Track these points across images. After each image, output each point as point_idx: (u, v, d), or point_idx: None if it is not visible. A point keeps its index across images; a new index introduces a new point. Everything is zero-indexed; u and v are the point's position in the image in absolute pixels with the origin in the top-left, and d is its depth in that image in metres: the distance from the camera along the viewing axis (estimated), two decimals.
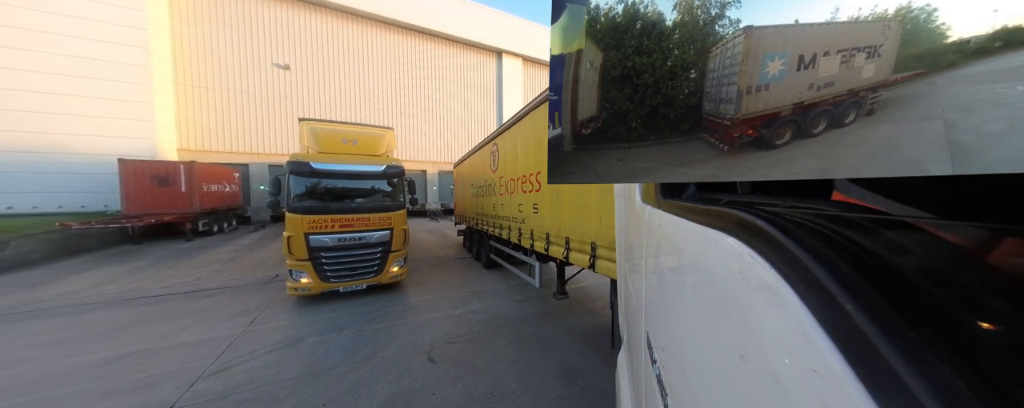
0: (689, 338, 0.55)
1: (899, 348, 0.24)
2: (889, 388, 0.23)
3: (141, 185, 11.07)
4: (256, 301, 5.40)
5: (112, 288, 6.33)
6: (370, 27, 20.44)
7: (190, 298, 5.65)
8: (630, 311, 1.06)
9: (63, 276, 7.23)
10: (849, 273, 0.30)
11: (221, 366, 3.32)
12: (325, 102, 19.27)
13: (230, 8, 16.87)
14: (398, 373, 3.17)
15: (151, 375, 3.16)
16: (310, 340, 3.93)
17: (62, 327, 4.41)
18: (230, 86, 17.09)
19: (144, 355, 3.59)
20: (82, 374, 3.19)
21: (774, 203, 0.53)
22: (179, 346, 3.80)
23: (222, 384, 2.99)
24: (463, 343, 3.81)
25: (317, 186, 5.25)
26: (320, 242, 5.10)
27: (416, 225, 17.14)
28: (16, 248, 8.09)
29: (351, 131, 6.20)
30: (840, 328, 0.27)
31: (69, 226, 9.16)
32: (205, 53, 16.49)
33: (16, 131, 12.48)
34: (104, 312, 4.99)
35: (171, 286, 6.38)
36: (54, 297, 5.76)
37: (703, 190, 0.79)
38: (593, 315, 4.67)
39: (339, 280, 5.26)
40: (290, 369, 3.25)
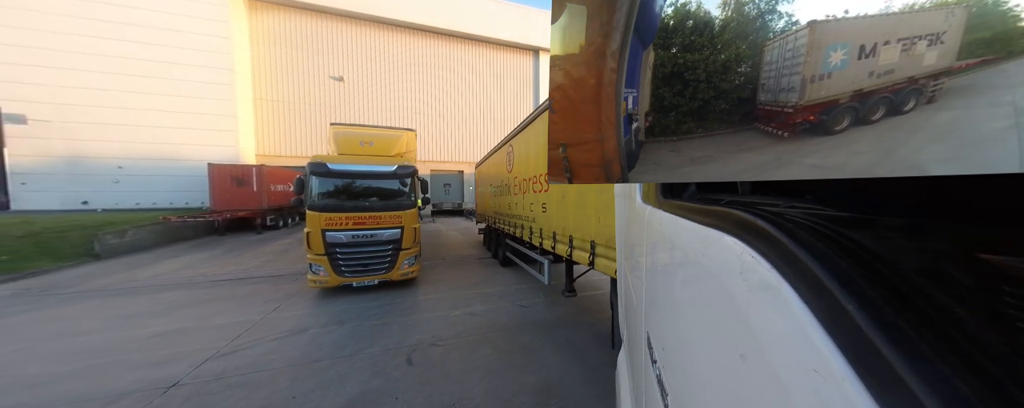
0: (689, 338, 0.55)
1: (899, 348, 0.24)
2: (889, 388, 0.23)
3: (223, 185, 13.06)
4: (286, 290, 5.94)
5: (188, 272, 7.50)
6: (412, 36, 21.59)
7: (239, 284, 6.44)
8: (630, 311, 1.06)
9: (159, 260, 8.80)
10: (849, 273, 0.30)
11: (231, 349, 3.66)
12: (373, 108, 20.84)
13: (296, 29, 19.11)
14: (374, 372, 3.17)
15: (176, 352, 3.59)
16: (312, 331, 4.16)
17: (138, 304, 5.30)
18: (296, 97, 19.38)
19: (180, 333, 4.12)
20: (128, 346, 3.75)
21: (774, 203, 0.53)
22: (209, 328, 4.29)
23: (223, 366, 3.28)
24: (449, 347, 3.71)
25: (333, 185, 5.58)
26: (335, 238, 5.42)
27: (449, 224, 17.67)
28: (132, 236, 10.07)
29: (368, 133, 6.51)
30: (840, 328, 0.28)
31: (169, 219, 11.16)
32: (276, 70, 18.92)
33: (138, 142, 15.60)
34: (172, 293, 5.91)
35: (229, 273, 7.35)
36: (145, 278, 7.00)
37: (703, 190, 0.78)
38: (593, 327, 4.24)
39: (353, 275, 5.54)
40: (282, 358, 3.45)
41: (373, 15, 19.86)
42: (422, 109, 22.18)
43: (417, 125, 21.66)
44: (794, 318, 0.31)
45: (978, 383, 0.21)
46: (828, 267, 0.31)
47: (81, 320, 4.61)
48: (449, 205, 21.82)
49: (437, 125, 22.43)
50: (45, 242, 8.84)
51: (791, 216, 0.41)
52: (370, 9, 19.63)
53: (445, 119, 22.79)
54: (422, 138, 21.71)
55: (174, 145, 15.99)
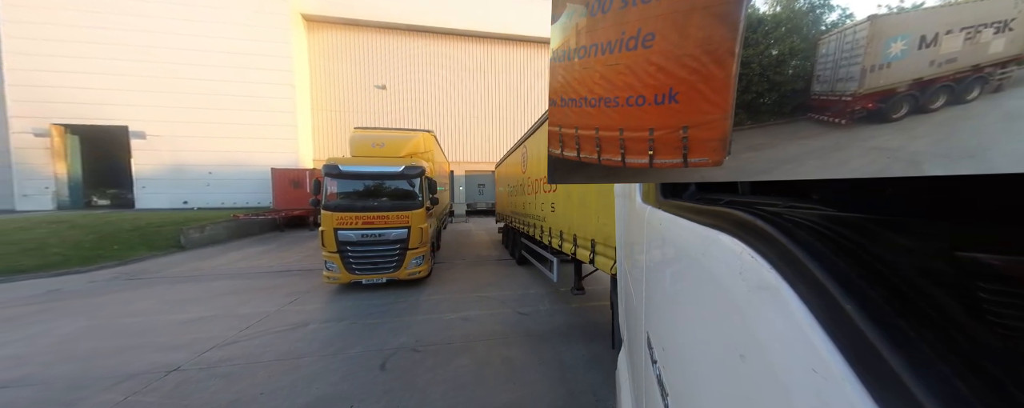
0: (689, 338, 0.56)
1: (899, 348, 0.24)
2: (889, 388, 0.23)
3: (283, 187, 14.73)
4: (308, 285, 6.37)
5: (242, 264, 8.50)
6: (450, 40, 22.21)
7: (275, 276, 7.10)
8: (630, 311, 1.07)
9: (226, 252, 10.15)
10: (849, 273, 0.30)
11: (235, 339, 3.96)
12: (412, 112, 21.89)
13: (346, 44, 20.87)
14: (346, 374, 3.16)
15: (194, 339, 3.99)
16: (312, 326, 4.35)
17: (192, 291, 6.09)
18: (346, 106, 21.18)
19: (208, 320, 4.59)
20: (163, 330, 4.27)
21: (774, 203, 0.54)
22: (231, 317, 4.73)
23: (220, 355, 3.54)
24: (428, 353, 3.58)
25: (344, 186, 5.83)
26: (346, 237, 5.66)
27: (480, 224, 17.81)
28: (210, 231, 11.79)
29: (380, 136, 6.71)
30: (840, 328, 0.28)
31: (238, 217, 12.88)
32: (330, 82, 20.86)
33: (222, 151, 18.31)
34: (221, 282, 6.70)
35: (272, 266, 8.17)
36: (209, 267, 8.08)
37: (703, 190, 0.79)
38: (589, 344, 3.77)
39: (362, 272, 5.74)
40: (273, 352, 3.62)
41: (413, 24, 20.85)
42: (458, 110, 22.74)
43: (453, 127, 22.26)
44: (793, 318, 0.32)
45: (978, 383, 0.21)
46: (827, 267, 0.31)
47: (143, 302, 5.41)
48: (483, 205, 22.06)
49: (472, 126, 22.83)
50: (147, 235, 10.75)
51: (791, 216, 0.43)
52: (411, 19, 20.64)
53: (479, 120, 23.10)
54: (457, 139, 22.21)
55: (248, 153, 18.49)
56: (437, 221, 7.87)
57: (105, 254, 8.87)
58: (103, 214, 14.11)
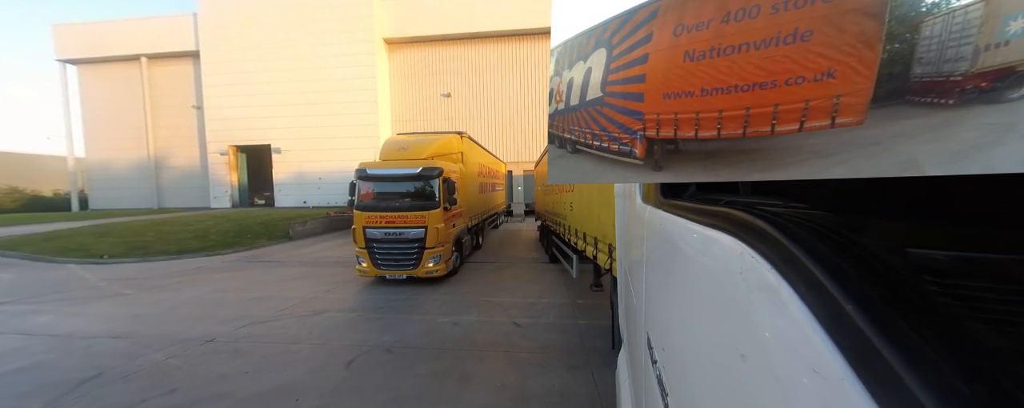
0: (689, 338, 0.56)
1: (899, 348, 0.24)
2: (889, 388, 0.24)
3: None
4: (347, 275, 7.16)
5: (321, 254, 10.15)
6: (507, 42, 22.48)
7: (332, 265, 8.22)
8: (630, 311, 1.08)
9: (315, 243, 12.30)
10: (849, 273, 0.31)
11: (266, 319, 4.64)
12: (475, 116, 22.89)
13: (418, 59, 23.14)
14: (314, 366, 3.35)
15: (242, 314, 4.83)
16: (327, 314, 4.82)
17: (273, 273, 7.50)
18: (417, 116, 23.45)
19: (260, 301, 5.54)
20: (230, 305, 5.30)
21: (774, 203, 0.55)
22: (279, 298, 5.60)
23: (246, 332, 4.19)
24: (396, 357, 3.54)
25: (371, 187, 6.34)
26: (372, 234, 6.15)
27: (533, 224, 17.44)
28: (310, 225, 14.48)
29: (406, 140, 7.07)
30: (840, 328, 0.28)
31: (330, 214, 15.48)
32: (405, 95, 23.40)
33: (327, 161, 22.31)
34: (296, 268, 8.08)
35: (335, 257, 9.50)
36: (297, 255, 9.88)
37: (703, 190, 0.79)
38: (572, 372, 3.17)
39: (386, 268, 6.15)
40: (283, 335, 4.11)
41: (475, 31, 21.83)
42: (518, 110, 22.85)
43: (512, 127, 22.48)
44: (794, 318, 0.32)
45: (978, 383, 0.21)
46: (828, 267, 0.31)
47: (237, 281, 6.87)
48: None
49: (531, 126, 22.63)
50: (269, 227, 13.81)
51: (791, 216, 0.43)
52: (476, 27, 21.67)
53: (532, 120, 22.74)
54: (516, 140, 22.31)
55: (344, 162, 22.12)
56: (467, 220, 7.93)
57: (240, 241, 11.70)
58: (251, 211, 18.81)
